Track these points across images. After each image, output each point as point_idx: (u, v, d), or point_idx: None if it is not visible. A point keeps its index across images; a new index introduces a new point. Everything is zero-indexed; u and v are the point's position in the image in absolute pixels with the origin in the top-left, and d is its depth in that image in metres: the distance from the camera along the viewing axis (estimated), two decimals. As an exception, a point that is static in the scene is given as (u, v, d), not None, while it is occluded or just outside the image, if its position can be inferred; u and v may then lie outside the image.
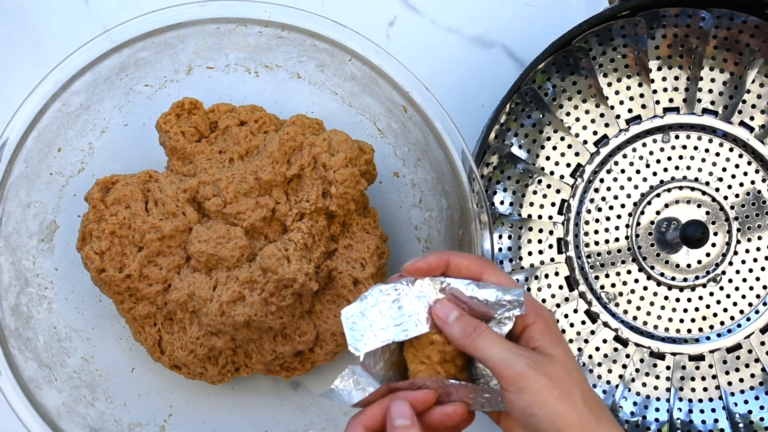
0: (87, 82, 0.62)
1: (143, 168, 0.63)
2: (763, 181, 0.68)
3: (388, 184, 0.67)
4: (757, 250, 0.67)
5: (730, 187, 0.68)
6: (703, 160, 0.68)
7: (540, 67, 0.66)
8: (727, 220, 0.67)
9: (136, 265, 0.60)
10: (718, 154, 0.68)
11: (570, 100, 0.68)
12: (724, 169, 0.68)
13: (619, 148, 0.68)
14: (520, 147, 0.68)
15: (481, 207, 0.61)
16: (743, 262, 0.67)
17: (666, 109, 0.68)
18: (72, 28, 0.71)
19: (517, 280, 0.67)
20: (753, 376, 0.67)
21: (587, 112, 0.68)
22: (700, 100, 0.68)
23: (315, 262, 0.61)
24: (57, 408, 0.61)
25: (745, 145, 0.68)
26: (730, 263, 0.67)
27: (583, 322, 0.67)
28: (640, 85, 0.68)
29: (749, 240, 0.67)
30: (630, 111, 0.68)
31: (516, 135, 0.68)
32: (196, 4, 0.61)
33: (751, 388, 0.67)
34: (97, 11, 0.71)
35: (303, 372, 0.64)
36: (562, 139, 0.68)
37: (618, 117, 0.68)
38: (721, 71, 0.68)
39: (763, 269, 0.67)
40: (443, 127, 0.61)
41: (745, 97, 0.68)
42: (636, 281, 0.67)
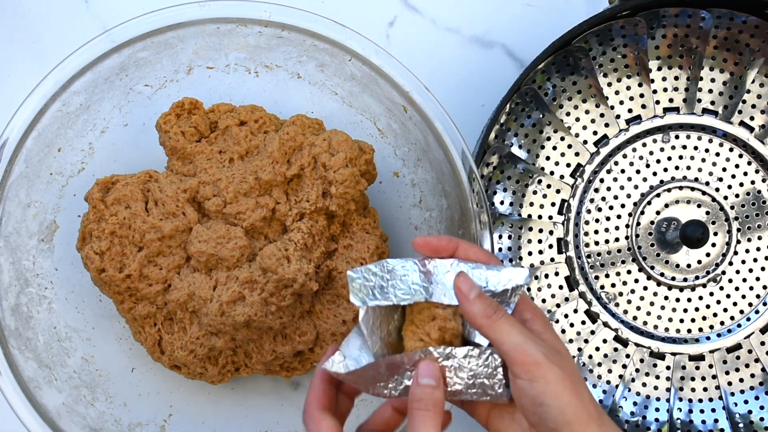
0: (87, 82, 0.62)
1: (143, 168, 0.63)
2: (763, 181, 0.68)
3: (388, 184, 0.67)
4: (757, 250, 0.67)
5: (730, 187, 0.68)
6: (703, 160, 0.68)
7: (540, 67, 0.66)
8: (727, 220, 0.67)
9: (136, 265, 0.60)
10: (718, 154, 0.68)
11: (570, 100, 0.68)
12: (724, 169, 0.68)
13: (619, 148, 0.68)
14: (520, 147, 0.68)
15: (481, 207, 0.61)
16: (743, 262, 0.67)
17: (666, 109, 0.68)
18: (72, 28, 0.71)
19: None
20: (753, 376, 0.67)
21: (587, 112, 0.68)
22: (700, 100, 0.68)
23: (315, 262, 0.61)
24: (57, 408, 0.61)
25: (745, 145, 0.68)
26: (730, 263, 0.67)
27: (583, 322, 0.67)
28: (640, 85, 0.68)
29: (749, 240, 0.67)
30: (630, 111, 0.68)
31: (516, 135, 0.68)
32: (196, 4, 0.61)
33: (751, 388, 0.67)
34: (97, 11, 0.71)
35: (303, 372, 0.64)
36: (562, 139, 0.68)
37: (618, 117, 0.68)
38: (721, 71, 0.68)
39: (763, 269, 0.67)
40: (443, 127, 0.61)
41: (745, 97, 0.68)
42: (636, 281, 0.67)
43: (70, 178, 0.65)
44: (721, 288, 0.67)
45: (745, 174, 0.68)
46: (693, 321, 0.67)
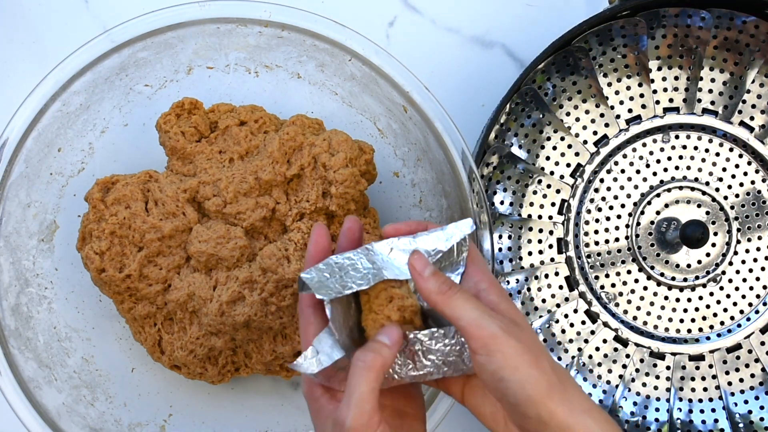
0: (87, 82, 0.62)
1: (143, 168, 0.63)
2: (763, 181, 0.68)
3: (388, 184, 0.67)
4: (757, 250, 0.67)
5: (730, 187, 0.68)
6: (703, 160, 0.68)
7: (540, 67, 0.66)
8: (727, 220, 0.67)
9: (136, 265, 0.60)
10: (718, 154, 0.68)
11: (570, 100, 0.68)
12: (724, 169, 0.68)
13: (619, 148, 0.68)
14: (520, 147, 0.68)
15: (481, 207, 0.61)
16: (743, 262, 0.67)
17: (666, 109, 0.68)
18: (72, 28, 0.71)
19: (516, 280, 0.67)
20: (753, 376, 0.67)
21: (587, 112, 0.68)
22: (700, 100, 0.68)
23: (315, 262, 0.61)
24: (57, 408, 0.61)
25: (745, 145, 0.68)
26: (730, 263, 0.67)
27: (583, 322, 0.67)
28: (640, 85, 0.68)
29: (749, 240, 0.67)
30: (630, 111, 0.68)
31: (516, 135, 0.68)
32: (196, 4, 0.61)
33: (751, 388, 0.67)
34: (97, 11, 0.71)
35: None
36: (562, 139, 0.68)
37: (618, 117, 0.68)
38: (721, 71, 0.68)
39: (763, 269, 0.67)
40: (443, 127, 0.61)
41: (745, 97, 0.68)
42: (636, 281, 0.67)
43: (70, 178, 0.65)
44: (721, 288, 0.67)
45: (745, 174, 0.68)
46: (693, 321, 0.67)
